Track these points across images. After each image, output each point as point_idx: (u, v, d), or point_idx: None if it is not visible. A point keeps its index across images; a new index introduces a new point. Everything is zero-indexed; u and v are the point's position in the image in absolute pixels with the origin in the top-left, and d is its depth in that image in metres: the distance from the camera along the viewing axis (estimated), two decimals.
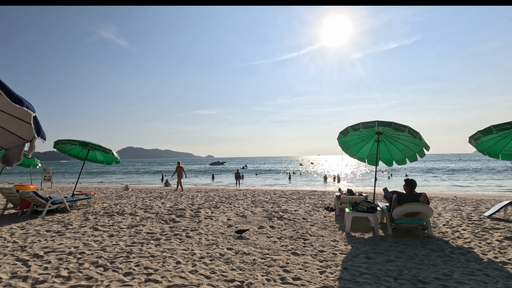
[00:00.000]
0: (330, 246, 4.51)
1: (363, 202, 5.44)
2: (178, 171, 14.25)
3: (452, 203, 9.05)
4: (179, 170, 14.26)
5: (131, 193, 12.60)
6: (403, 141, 7.07)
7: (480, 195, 13.40)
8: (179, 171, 14.23)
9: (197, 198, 10.34)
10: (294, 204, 8.45)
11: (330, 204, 8.51)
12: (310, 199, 9.69)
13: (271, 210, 7.48)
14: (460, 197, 11.50)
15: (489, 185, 22.23)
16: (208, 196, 10.99)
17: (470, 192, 17.48)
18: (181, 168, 14.32)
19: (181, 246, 4.55)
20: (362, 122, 6.25)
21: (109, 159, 10.57)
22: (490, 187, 21.09)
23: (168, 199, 10.11)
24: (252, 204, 8.69)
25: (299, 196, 10.34)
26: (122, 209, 8.03)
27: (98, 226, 6.01)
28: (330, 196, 10.68)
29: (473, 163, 60.58)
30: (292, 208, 7.87)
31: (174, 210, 7.67)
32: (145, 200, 9.93)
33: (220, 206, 8.34)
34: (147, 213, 7.32)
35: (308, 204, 8.57)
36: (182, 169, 14.36)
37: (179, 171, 14.24)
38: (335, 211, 7.14)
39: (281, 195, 10.89)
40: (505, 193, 16.09)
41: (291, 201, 9.20)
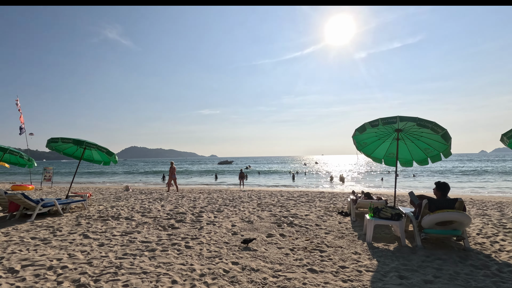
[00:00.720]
0: (352, 260, 3.86)
1: (386, 207, 4.78)
2: (171, 172, 13.89)
3: (473, 207, 8.34)
4: (172, 171, 13.90)
5: (130, 194, 12.04)
6: (426, 139, 6.39)
7: (497, 197, 12.62)
8: (172, 171, 13.88)
9: (199, 200, 9.74)
10: (304, 208, 7.80)
11: (344, 208, 7.85)
12: (320, 201, 9.03)
13: (280, 215, 6.84)
14: (476, 199, 10.75)
15: (501, 186, 21.35)
16: (211, 198, 10.38)
17: (483, 194, 16.65)
18: (174, 169, 13.94)
19: (179, 259, 3.94)
20: (381, 118, 5.61)
21: (106, 159, 10.00)
22: (502, 188, 20.21)
23: (168, 201, 9.52)
24: (258, 207, 8.06)
25: (308, 199, 9.68)
26: (118, 212, 7.45)
27: (89, 232, 5.43)
28: (341, 198, 10.01)
29: (481, 163, 59.31)
30: (302, 212, 7.22)
31: (174, 214, 7.07)
32: (144, 202, 9.35)
33: (224, 209, 7.73)
34: (144, 218, 6.73)
35: (319, 207, 7.92)
36: (175, 170, 14.03)
37: (172, 171, 13.88)
38: (350, 217, 6.48)
39: (288, 197, 10.25)
40: None
41: (300, 204, 8.55)
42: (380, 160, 7.51)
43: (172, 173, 13.85)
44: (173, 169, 13.89)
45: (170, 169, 13.89)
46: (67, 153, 9.60)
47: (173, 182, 13.95)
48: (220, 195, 11.25)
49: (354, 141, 6.89)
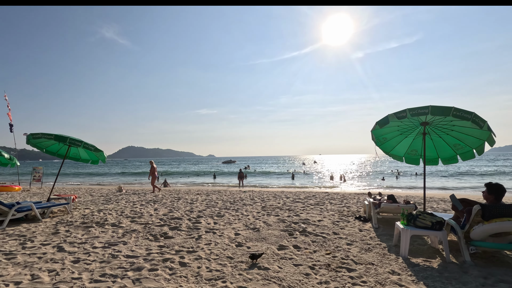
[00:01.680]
0: (392, 284, 3.02)
1: (423, 214, 3.95)
2: (152, 171, 13.04)
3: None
4: (153, 170, 13.05)
5: (122, 195, 11.13)
6: (459, 133, 5.57)
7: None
8: (153, 171, 13.04)
9: (196, 202, 8.87)
10: (315, 212, 6.96)
11: (359, 211, 7.01)
12: (331, 204, 8.18)
13: (289, 221, 5.99)
14: None
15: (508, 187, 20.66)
16: (210, 200, 9.51)
17: None
18: (155, 169, 13.11)
19: (171, 282, 3.08)
20: (409, 109, 4.79)
21: (94, 157, 9.10)
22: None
23: (162, 204, 8.64)
24: (263, 211, 7.20)
25: (317, 201, 8.83)
26: (105, 217, 6.57)
27: (66, 243, 4.55)
28: (353, 200, 9.18)
29: (479, 162, 58.84)
30: (313, 217, 6.38)
31: (168, 220, 6.20)
32: (136, 205, 8.46)
33: (225, 214, 6.86)
34: (133, 224, 5.85)
35: (331, 211, 7.08)
36: (156, 170, 13.22)
37: (153, 171, 13.04)
38: (371, 223, 5.65)
39: (294, 199, 9.39)
40: None
41: (309, 207, 7.71)
42: (401, 158, 6.69)
43: (153, 173, 13.02)
44: (153, 169, 13.04)
45: (151, 169, 13.06)
46: (50, 151, 8.68)
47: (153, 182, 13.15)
48: (219, 197, 10.38)
49: (372, 136, 6.05)
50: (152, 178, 13.01)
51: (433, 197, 10.66)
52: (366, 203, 6.47)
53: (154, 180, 13.01)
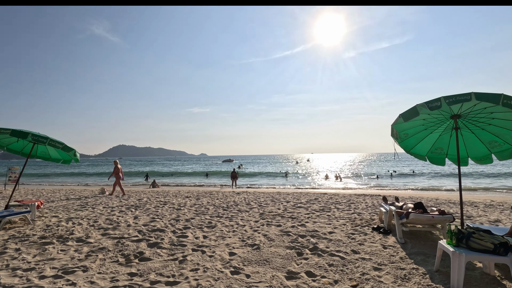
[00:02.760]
0: None
1: (480, 232, 2.99)
2: (115, 172, 11.86)
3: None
4: (117, 171, 11.88)
5: (102, 199, 9.95)
6: (497, 128, 4.66)
7: None
8: (117, 172, 11.87)
9: (184, 208, 7.78)
10: (322, 221, 5.96)
11: (373, 219, 6.06)
12: (338, 210, 7.21)
13: (295, 233, 4.98)
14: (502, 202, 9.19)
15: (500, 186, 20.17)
16: (200, 205, 8.43)
17: (497, 195, 15.28)
18: (119, 169, 11.95)
19: None
20: (445, 96, 3.86)
21: (66, 156, 7.92)
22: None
23: (145, 210, 7.52)
24: (261, 219, 6.18)
25: (321, 206, 7.83)
26: (72, 229, 5.44)
27: (6, 270, 3.44)
28: (361, 205, 8.24)
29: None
30: (322, 227, 5.38)
31: (148, 232, 5.12)
32: (114, 211, 7.33)
33: (217, 223, 5.81)
34: (104, 238, 4.75)
35: (341, 219, 6.10)
36: (120, 170, 12.04)
37: (116, 172, 11.86)
38: (394, 236, 4.68)
39: (296, 204, 8.39)
40: None
41: (314, 214, 6.72)
42: (423, 158, 5.76)
43: (117, 173, 11.86)
44: (117, 170, 11.87)
45: (114, 170, 11.91)
46: (12, 150, 7.45)
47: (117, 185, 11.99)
48: (211, 201, 9.31)
49: (393, 132, 5.09)
50: (116, 180, 11.86)
51: (449, 199, 9.83)
52: (382, 210, 5.52)
53: (117, 181, 11.88)
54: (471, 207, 7.86)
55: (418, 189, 18.57)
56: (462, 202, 4.54)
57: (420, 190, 17.86)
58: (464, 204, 8.58)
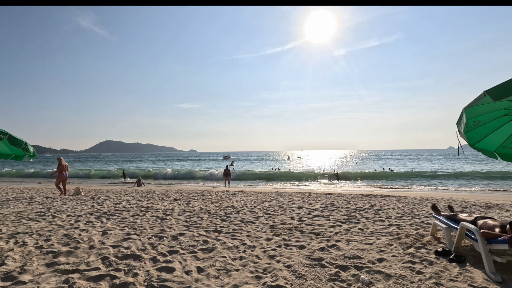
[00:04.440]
0: None
1: None
2: (59, 170, 10.28)
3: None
4: (62, 169, 10.29)
5: (72, 202, 8.20)
6: None
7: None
8: (61, 169, 10.29)
9: (171, 217, 6.17)
10: (357, 238, 4.47)
11: (422, 234, 4.61)
12: (368, 220, 5.70)
13: (331, 262, 3.46)
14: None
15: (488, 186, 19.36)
16: (191, 212, 6.83)
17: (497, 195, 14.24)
18: (64, 167, 10.36)
19: None
20: None
21: (18, 152, 6.17)
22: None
23: (120, 220, 5.87)
24: (274, 235, 4.64)
25: (344, 214, 6.29)
26: (6, 253, 3.77)
27: None
28: (392, 212, 6.82)
29: (453, 158, 59.35)
30: (363, 250, 3.89)
31: (116, 260, 3.51)
32: (80, 221, 5.65)
33: (215, 243, 4.23)
34: (48, 274, 3.11)
35: (380, 235, 4.63)
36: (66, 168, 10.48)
37: (61, 170, 10.28)
38: (484, 270, 3.22)
39: (310, 210, 6.88)
40: None
41: (341, 226, 5.22)
42: (491, 154, 4.35)
43: (60, 171, 10.29)
44: (60, 167, 10.26)
45: (58, 167, 10.30)
46: None
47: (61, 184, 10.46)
48: (204, 205, 7.72)
49: (461, 118, 3.64)
50: (58, 178, 10.28)
51: (468, 200, 8.57)
52: (441, 226, 4.07)
53: (59, 181, 10.29)
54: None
55: (437, 190, 17.44)
56: None
57: (440, 191, 16.72)
58: (495, 207, 7.30)
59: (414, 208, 7.02)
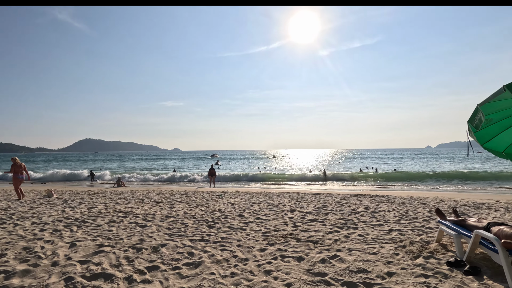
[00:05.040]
0: None
1: None
2: (14, 171, 9.30)
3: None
4: (17, 170, 9.32)
5: (38, 208, 7.40)
6: None
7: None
8: (17, 171, 9.32)
9: (152, 223, 5.57)
10: (359, 246, 4.07)
11: (426, 240, 4.28)
12: (366, 224, 5.34)
13: (335, 278, 3.03)
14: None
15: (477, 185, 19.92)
16: (175, 217, 6.26)
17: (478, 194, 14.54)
18: (20, 167, 9.42)
19: None
20: None
21: None
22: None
23: (93, 228, 5.22)
24: (269, 245, 4.17)
25: (341, 218, 5.95)
26: None
27: None
28: (389, 215, 6.52)
29: (432, 158, 61.40)
30: (369, 262, 3.49)
31: (83, 282, 2.93)
32: (45, 230, 4.96)
33: (202, 256, 3.70)
34: None
35: (383, 242, 4.27)
36: (23, 168, 9.51)
37: (16, 171, 9.31)
38: (508, 285, 2.90)
39: (302, 213, 6.46)
40: None
41: (339, 232, 4.83)
42: (500, 154, 4.09)
43: (17, 173, 9.34)
44: (15, 168, 9.28)
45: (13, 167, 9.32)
46: None
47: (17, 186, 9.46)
48: (189, 209, 7.15)
49: (477, 115, 3.33)
50: (14, 181, 9.26)
51: (454, 199, 8.48)
52: (449, 232, 3.75)
53: (16, 183, 9.27)
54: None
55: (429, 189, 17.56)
56: None
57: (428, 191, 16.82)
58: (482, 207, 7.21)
59: (409, 210, 6.78)
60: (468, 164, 40.74)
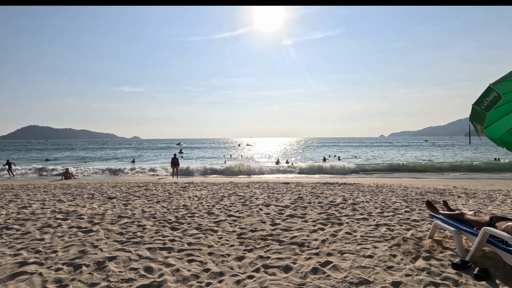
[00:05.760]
0: None
1: None
2: None
3: None
4: None
5: None
6: None
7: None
8: None
9: (100, 225, 4.55)
10: (350, 247, 3.54)
11: (416, 235, 3.91)
12: (350, 219, 4.89)
13: None
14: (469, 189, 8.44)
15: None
16: (130, 215, 5.27)
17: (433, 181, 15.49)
18: None
19: None
20: None
21: None
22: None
23: (20, 237, 4.07)
24: (247, 251, 3.46)
25: (322, 212, 5.47)
26: None
27: None
28: (368, 205, 6.17)
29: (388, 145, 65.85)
30: (368, 268, 2.97)
31: None
32: None
33: (164, 271, 2.89)
34: None
35: (374, 240, 3.81)
36: None
37: None
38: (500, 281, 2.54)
39: (279, 207, 5.86)
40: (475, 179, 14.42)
41: (323, 230, 4.30)
42: (496, 141, 3.80)
43: None
44: None
45: None
46: None
47: None
48: (148, 206, 6.17)
49: (488, 96, 2.91)
50: None
51: (434, 187, 8.60)
52: (450, 229, 3.37)
53: None
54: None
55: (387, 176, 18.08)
56: None
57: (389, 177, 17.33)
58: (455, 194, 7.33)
59: (386, 200, 6.54)
60: (432, 152, 43.99)
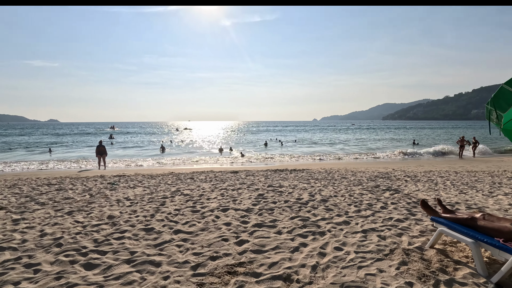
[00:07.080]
0: None
1: None
2: None
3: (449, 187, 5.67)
4: None
5: None
6: None
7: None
8: None
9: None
10: (347, 271, 2.66)
11: (421, 245, 3.24)
12: (328, 223, 4.08)
13: None
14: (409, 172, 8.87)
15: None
16: (20, 244, 3.50)
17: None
18: None
19: None
20: None
21: None
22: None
23: None
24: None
25: (293, 219, 4.51)
26: None
27: None
28: (342, 204, 5.45)
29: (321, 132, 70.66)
30: None
31: None
32: None
33: None
34: None
35: (366, 254, 3.01)
36: None
37: None
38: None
39: (240, 213, 4.71)
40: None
41: (302, 245, 3.34)
42: (498, 125, 3.30)
43: None
44: None
45: None
46: None
47: None
48: (53, 220, 4.36)
49: (504, 88, 2.22)
50: None
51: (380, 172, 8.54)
52: (467, 240, 2.72)
53: None
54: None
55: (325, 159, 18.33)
56: None
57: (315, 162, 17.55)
58: None
59: (354, 193, 5.96)
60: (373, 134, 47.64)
